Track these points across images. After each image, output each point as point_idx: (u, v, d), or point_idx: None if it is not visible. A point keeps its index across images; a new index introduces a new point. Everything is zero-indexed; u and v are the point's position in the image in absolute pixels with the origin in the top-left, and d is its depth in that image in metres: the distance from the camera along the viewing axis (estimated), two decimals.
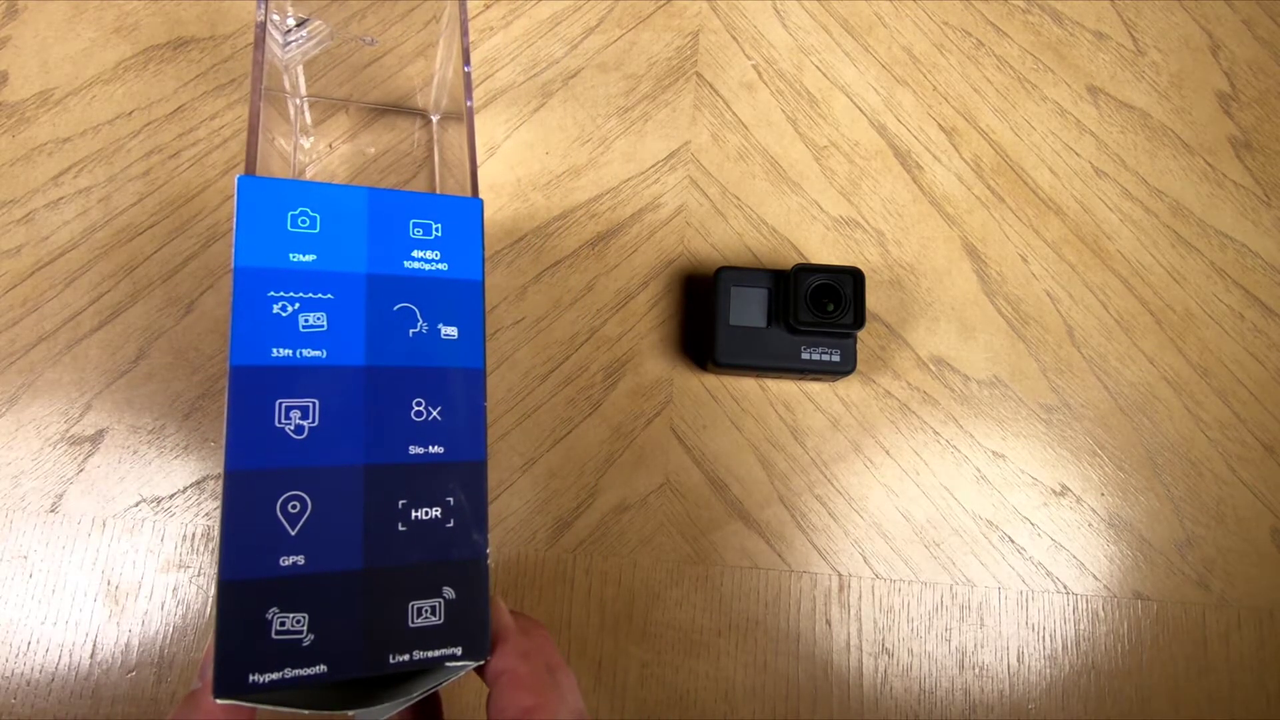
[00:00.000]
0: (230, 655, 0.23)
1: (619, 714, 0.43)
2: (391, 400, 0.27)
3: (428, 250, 0.29)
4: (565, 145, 0.49)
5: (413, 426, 0.27)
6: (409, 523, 0.26)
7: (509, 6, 0.51)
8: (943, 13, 0.53)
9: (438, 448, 0.27)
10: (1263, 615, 0.45)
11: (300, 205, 0.27)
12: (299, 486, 0.25)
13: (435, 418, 0.27)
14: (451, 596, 0.26)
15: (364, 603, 0.25)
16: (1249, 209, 0.51)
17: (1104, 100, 0.52)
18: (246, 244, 0.26)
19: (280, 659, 0.24)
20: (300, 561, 0.24)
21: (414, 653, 0.25)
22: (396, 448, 0.27)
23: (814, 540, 0.45)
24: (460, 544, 0.27)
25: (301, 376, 0.26)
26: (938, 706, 0.44)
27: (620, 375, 0.46)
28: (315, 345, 0.26)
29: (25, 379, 0.43)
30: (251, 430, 0.25)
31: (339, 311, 0.27)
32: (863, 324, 0.42)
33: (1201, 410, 0.48)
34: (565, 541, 0.44)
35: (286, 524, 0.25)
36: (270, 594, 0.24)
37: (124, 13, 0.49)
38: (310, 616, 0.24)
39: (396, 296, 0.28)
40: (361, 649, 0.25)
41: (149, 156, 0.46)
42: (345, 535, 0.25)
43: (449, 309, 0.28)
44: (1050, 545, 0.46)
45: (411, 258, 0.28)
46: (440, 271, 0.29)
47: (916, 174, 0.50)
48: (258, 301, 0.26)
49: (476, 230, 0.30)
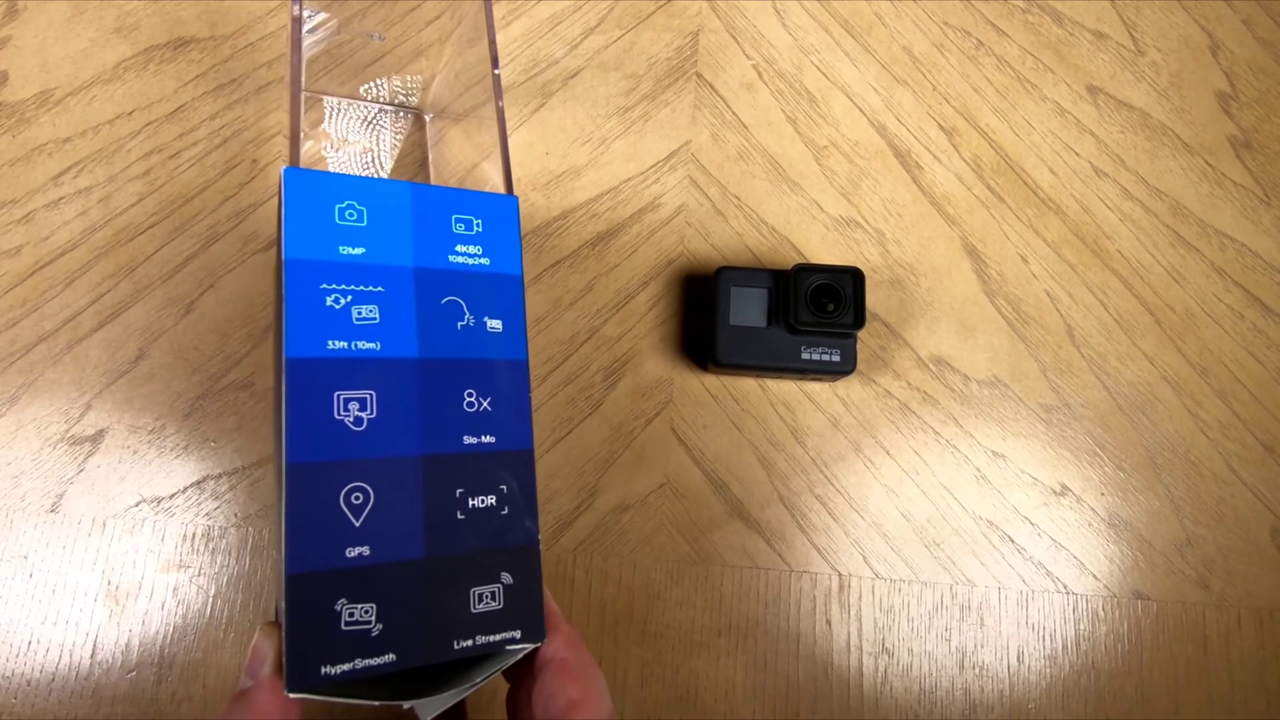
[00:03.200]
0: (302, 648, 0.23)
1: (619, 714, 0.43)
2: (444, 391, 0.27)
3: (470, 245, 0.29)
4: (565, 145, 0.49)
5: (466, 417, 0.27)
6: (467, 511, 0.26)
7: (509, 6, 0.51)
8: (943, 13, 0.53)
9: (490, 437, 0.27)
10: (1263, 615, 0.45)
11: (347, 199, 0.27)
12: (361, 478, 0.25)
13: (486, 408, 0.28)
14: (509, 582, 0.27)
15: (427, 590, 0.25)
16: (1249, 209, 0.51)
17: (1104, 100, 0.52)
18: (296, 236, 0.26)
19: (351, 650, 0.24)
20: (366, 552, 0.25)
21: (477, 638, 0.26)
22: (452, 438, 0.27)
23: (814, 540, 0.45)
24: (515, 530, 0.27)
25: (358, 368, 0.26)
26: (938, 706, 0.44)
27: (620, 375, 0.46)
28: (369, 338, 0.26)
29: (25, 379, 0.43)
30: (311, 422, 0.25)
31: (390, 304, 0.27)
32: (863, 324, 0.42)
33: (1201, 410, 0.48)
34: (565, 541, 0.44)
35: (351, 515, 0.25)
36: (339, 585, 0.24)
37: (124, 13, 0.49)
38: (378, 606, 0.24)
39: (444, 290, 0.28)
40: (427, 636, 0.25)
41: (149, 156, 0.46)
42: (407, 525, 0.26)
43: (493, 302, 0.29)
44: (1050, 545, 0.46)
45: (455, 252, 0.29)
46: (483, 266, 0.29)
47: (916, 174, 0.50)
48: (310, 294, 0.26)
49: (514, 226, 0.30)
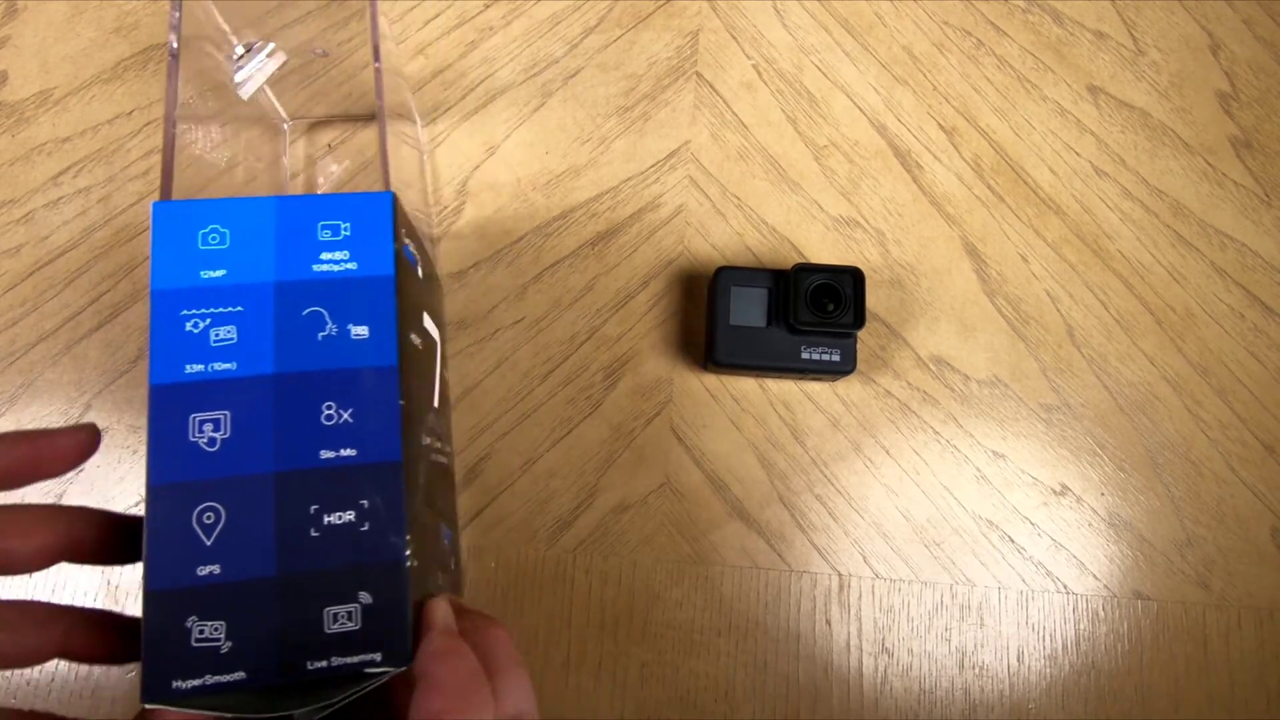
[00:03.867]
0: (155, 662, 0.24)
1: (619, 714, 0.43)
2: (301, 406, 0.27)
3: (336, 251, 0.28)
4: (565, 145, 0.49)
5: (323, 430, 0.27)
6: (321, 528, 0.26)
7: (509, 6, 0.51)
8: (943, 12, 0.53)
9: (350, 450, 0.27)
10: (1263, 615, 0.45)
11: (211, 223, 0.28)
12: (213, 498, 0.25)
13: (347, 420, 0.27)
14: (369, 601, 0.26)
15: (279, 609, 0.25)
16: (1249, 209, 0.51)
17: (1104, 100, 0.52)
18: (161, 267, 0.27)
19: (201, 666, 0.24)
20: (216, 570, 0.25)
21: (332, 659, 0.25)
22: (307, 453, 0.26)
23: (814, 540, 0.45)
24: (376, 547, 0.26)
25: (213, 390, 0.26)
26: (938, 706, 0.44)
27: (620, 375, 0.46)
28: (226, 358, 0.27)
29: (25, 379, 0.43)
30: (169, 446, 0.26)
31: (248, 322, 0.27)
32: (863, 324, 0.42)
33: (1201, 410, 0.48)
34: (565, 541, 0.44)
35: (202, 534, 0.25)
36: (189, 603, 0.25)
37: (124, 12, 0.49)
38: (228, 624, 0.25)
39: (305, 301, 0.28)
40: (279, 655, 0.25)
41: (149, 156, 0.46)
42: (258, 543, 0.25)
43: (359, 308, 0.28)
44: (1050, 545, 0.46)
45: (320, 260, 0.28)
46: (350, 271, 0.28)
47: (916, 174, 0.50)
48: (172, 321, 0.27)
49: (386, 225, 0.29)
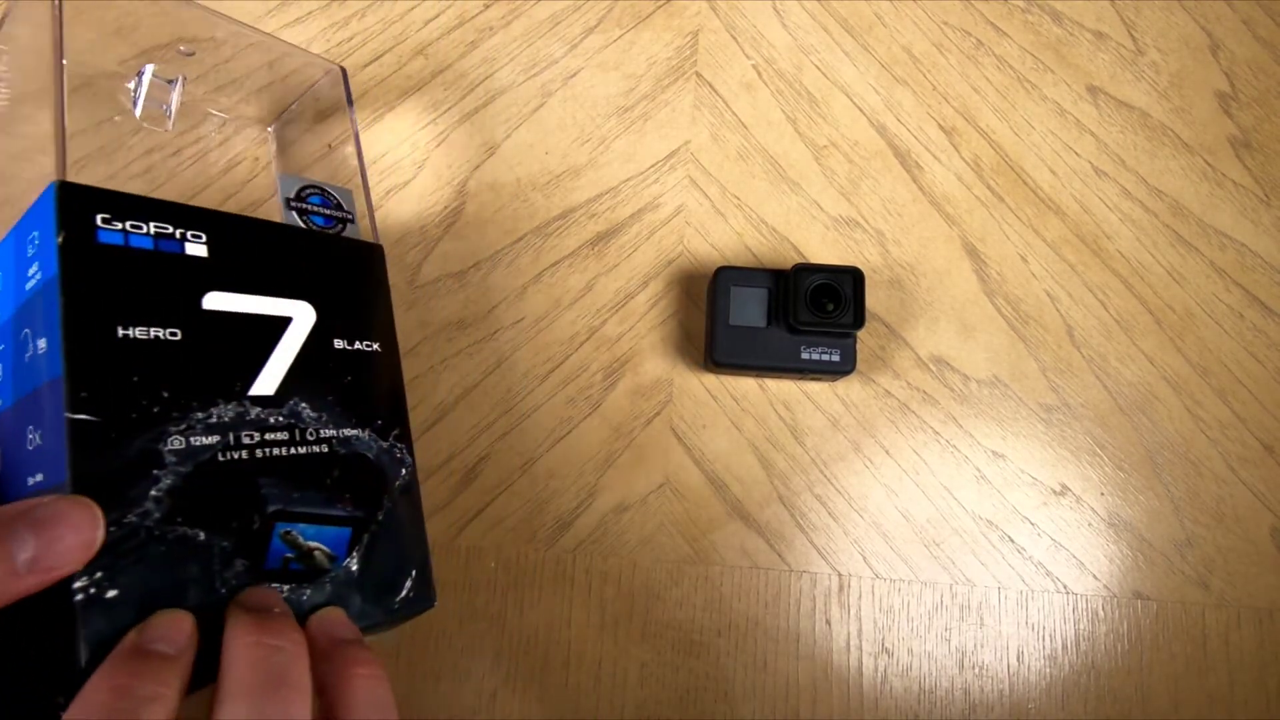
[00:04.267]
0: None
1: (619, 714, 0.43)
2: (16, 435, 0.25)
3: (34, 265, 0.26)
4: (565, 145, 0.49)
5: (28, 456, 0.25)
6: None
7: (509, 6, 0.51)
8: (942, 12, 0.53)
9: (39, 475, 0.25)
10: (1263, 615, 0.45)
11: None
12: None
13: (39, 442, 0.25)
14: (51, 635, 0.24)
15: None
16: (1249, 209, 0.51)
17: (1104, 100, 0.52)
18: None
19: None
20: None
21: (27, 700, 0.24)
22: (19, 483, 0.25)
23: (814, 540, 0.45)
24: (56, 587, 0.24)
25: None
26: (938, 706, 0.44)
27: (620, 375, 0.46)
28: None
29: None
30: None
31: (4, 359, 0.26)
32: (863, 324, 0.42)
33: (1201, 410, 0.48)
34: (565, 541, 0.44)
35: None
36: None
37: (124, 12, 0.49)
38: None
39: (21, 324, 0.26)
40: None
41: (149, 155, 0.46)
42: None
43: (41, 319, 0.25)
44: (1050, 545, 0.46)
45: (28, 278, 0.26)
46: (39, 282, 0.26)
47: (916, 174, 0.50)
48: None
49: (49, 222, 0.26)
